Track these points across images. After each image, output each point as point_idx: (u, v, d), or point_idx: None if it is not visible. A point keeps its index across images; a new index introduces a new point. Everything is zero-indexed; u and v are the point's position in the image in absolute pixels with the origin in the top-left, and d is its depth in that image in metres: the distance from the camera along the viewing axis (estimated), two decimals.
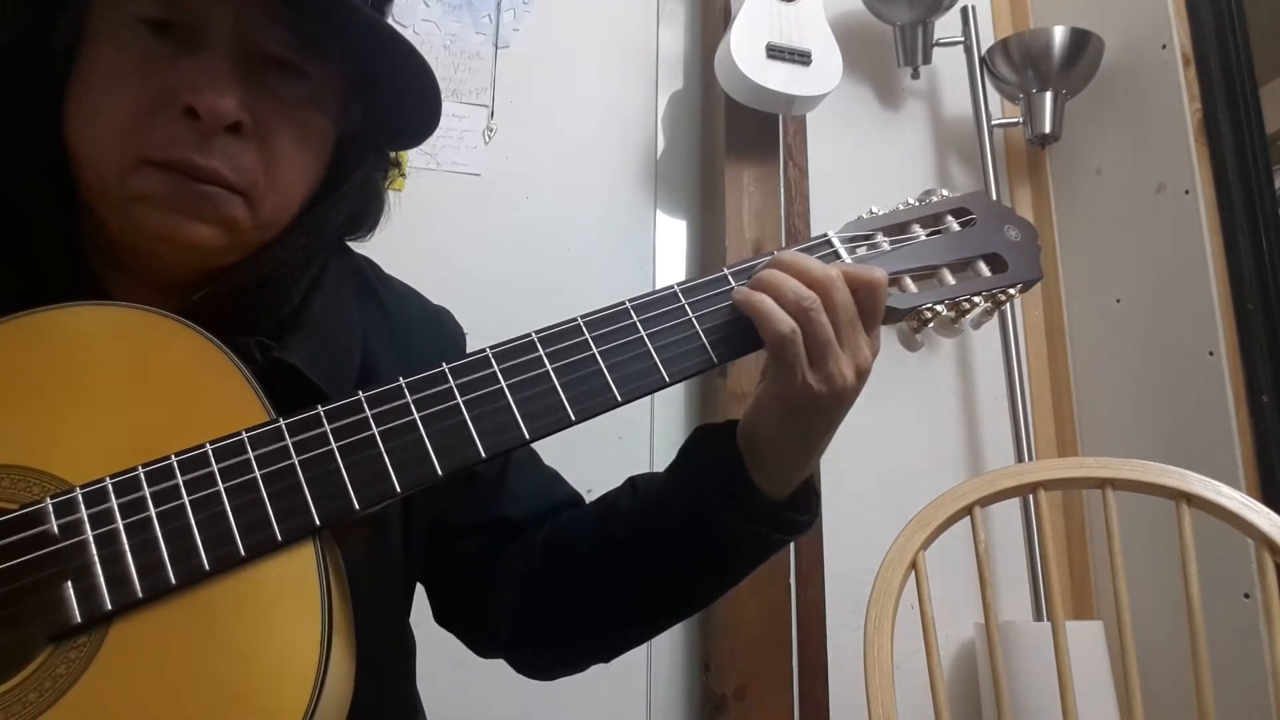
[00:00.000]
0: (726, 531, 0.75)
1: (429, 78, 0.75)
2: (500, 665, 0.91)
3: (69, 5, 0.71)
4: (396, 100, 0.78)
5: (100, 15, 0.70)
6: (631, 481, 0.85)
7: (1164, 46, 1.89)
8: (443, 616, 0.92)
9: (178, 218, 0.68)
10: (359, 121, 0.80)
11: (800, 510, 0.76)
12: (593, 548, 0.82)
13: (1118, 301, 1.95)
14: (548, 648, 0.88)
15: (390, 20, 0.76)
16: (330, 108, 0.76)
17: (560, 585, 0.84)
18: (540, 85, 1.95)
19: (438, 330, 0.93)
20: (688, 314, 0.71)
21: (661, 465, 0.86)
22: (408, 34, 1.84)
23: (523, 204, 1.88)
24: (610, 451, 1.76)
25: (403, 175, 0.89)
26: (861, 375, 0.70)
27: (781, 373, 0.69)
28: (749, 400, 0.74)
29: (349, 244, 0.90)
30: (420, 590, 0.92)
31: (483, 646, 0.92)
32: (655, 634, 0.86)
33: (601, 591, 0.82)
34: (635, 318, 0.70)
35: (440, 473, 0.63)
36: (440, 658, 0.95)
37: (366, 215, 0.86)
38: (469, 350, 0.69)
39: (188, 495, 0.58)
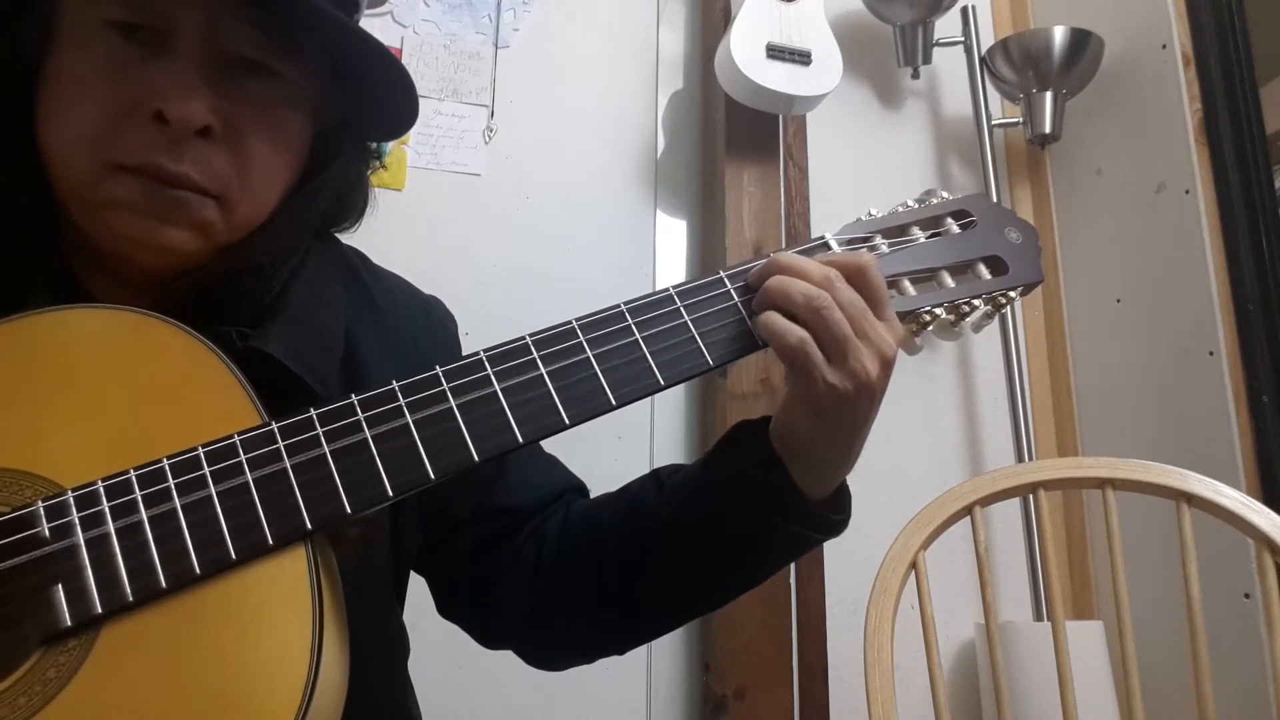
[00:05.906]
0: (766, 532, 0.74)
1: (401, 75, 0.74)
2: (499, 666, 0.91)
3: (35, 9, 0.70)
4: (373, 97, 0.77)
5: (68, 19, 0.69)
6: (655, 475, 0.83)
7: (1164, 46, 1.88)
8: (447, 608, 0.91)
9: (150, 222, 0.69)
10: (338, 116, 0.80)
11: (836, 509, 0.76)
12: (619, 541, 0.81)
13: (1118, 301, 1.95)
14: (563, 639, 0.87)
15: (366, 17, 0.75)
16: (306, 105, 0.76)
17: (582, 579, 0.83)
18: (540, 85, 1.95)
19: (426, 317, 0.92)
20: (683, 317, 0.70)
21: (662, 465, 0.86)
22: (408, 34, 1.87)
23: (523, 204, 1.89)
24: (610, 451, 1.76)
25: (383, 166, 0.88)
26: (887, 365, 0.69)
27: (800, 378, 0.68)
28: (753, 400, 0.74)
29: (338, 236, 0.89)
30: (421, 587, 0.91)
31: (489, 638, 0.91)
32: (677, 627, 0.86)
33: (627, 586, 0.81)
34: (630, 320, 0.69)
35: (433, 477, 0.62)
36: (440, 658, 0.94)
37: (350, 205, 0.86)
38: (464, 353, 0.68)
39: (179, 498, 0.58)
